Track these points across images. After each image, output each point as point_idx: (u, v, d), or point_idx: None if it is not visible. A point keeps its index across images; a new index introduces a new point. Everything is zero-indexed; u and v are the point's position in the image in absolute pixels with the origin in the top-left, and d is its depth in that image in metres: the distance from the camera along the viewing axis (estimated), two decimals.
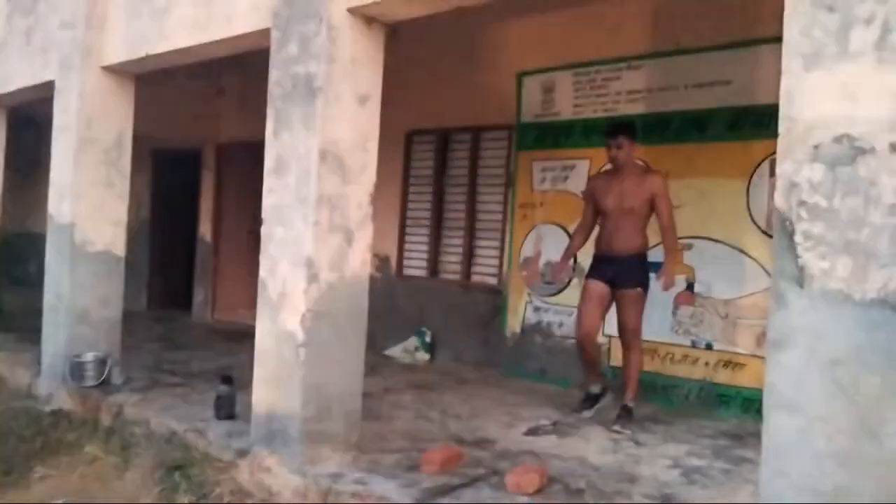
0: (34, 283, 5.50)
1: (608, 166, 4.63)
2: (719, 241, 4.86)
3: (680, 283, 4.97)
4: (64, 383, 4.77)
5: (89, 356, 4.76)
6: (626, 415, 4.32)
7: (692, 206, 4.95)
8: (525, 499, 3.01)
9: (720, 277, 4.84)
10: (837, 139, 1.95)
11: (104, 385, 4.70)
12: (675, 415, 4.69)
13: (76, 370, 4.72)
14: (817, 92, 1.99)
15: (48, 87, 5.38)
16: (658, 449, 3.91)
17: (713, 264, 4.88)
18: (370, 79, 3.53)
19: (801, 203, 1.99)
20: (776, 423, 2.00)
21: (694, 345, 4.94)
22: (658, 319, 4.99)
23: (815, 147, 1.98)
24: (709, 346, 4.88)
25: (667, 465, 3.62)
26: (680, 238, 4.98)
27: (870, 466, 1.86)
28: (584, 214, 4.70)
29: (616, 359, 5.09)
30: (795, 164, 2.01)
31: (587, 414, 4.48)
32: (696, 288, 4.95)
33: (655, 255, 4.56)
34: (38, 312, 5.21)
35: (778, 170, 2.05)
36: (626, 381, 4.46)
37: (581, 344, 4.47)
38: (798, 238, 1.99)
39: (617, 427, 4.20)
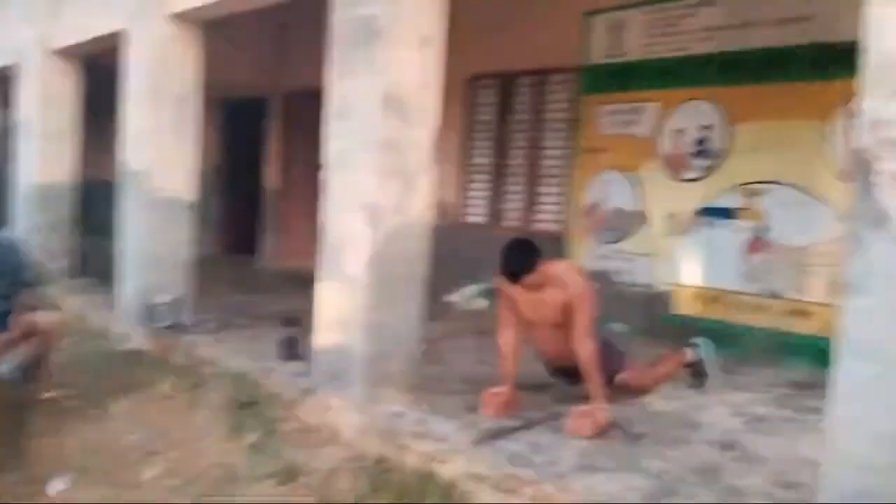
0: (110, 229, 5.72)
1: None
2: (794, 186, 4.65)
3: (751, 230, 4.84)
4: (139, 324, 4.98)
5: (162, 298, 4.94)
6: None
7: (766, 150, 4.76)
8: (584, 442, 3.01)
9: (793, 224, 4.66)
10: None
11: (176, 326, 4.88)
12: (742, 364, 4.58)
13: (150, 312, 4.92)
14: None
15: (119, 36, 5.49)
16: (723, 397, 3.84)
17: (787, 210, 4.69)
18: (432, 20, 3.46)
19: (885, 140, 1.88)
20: (849, 370, 1.93)
21: (764, 293, 4.80)
22: (728, 267, 4.86)
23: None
24: (779, 295, 4.73)
25: (731, 413, 3.56)
26: (753, 183, 4.83)
27: None
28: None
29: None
30: (879, 100, 1.89)
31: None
32: (768, 235, 4.77)
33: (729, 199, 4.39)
34: (114, 257, 5.43)
35: (860, 106, 1.93)
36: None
37: None
38: (878, 178, 1.88)
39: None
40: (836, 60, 4.44)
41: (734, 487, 2.64)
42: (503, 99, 6.53)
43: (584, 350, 3.25)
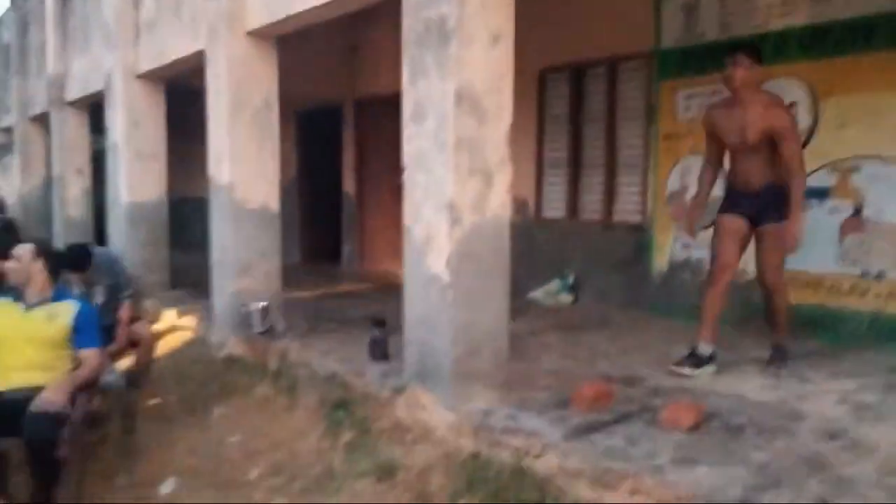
0: (201, 244, 5.96)
1: (724, 95, 4.10)
2: (888, 160, 4.42)
3: (846, 209, 4.62)
4: (234, 331, 5.18)
5: (254, 305, 5.12)
6: (778, 355, 4.02)
7: (859, 123, 4.54)
8: (681, 435, 2.95)
9: (892, 200, 4.42)
10: None
11: (269, 332, 5.05)
12: (843, 350, 4.39)
13: (244, 319, 5.10)
14: None
15: (199, 56, 5.73)
16: (825, 385, 3.69)
17: (884, 186, 4.46)
18: (502, 17, 3.46)
19: None
20: None
21: (864, 275, 4.58)
22: (821, 249, 4.66)
23: None
24: (881, 276, 4.50)
25: (835, 401, 3.41)
26: (845, 159, 4.62)
27: None
28: (708, 149, 4.15)
29: None
30: None
31: (686, 372, 3.86)
32: (865, 213, 4.55)
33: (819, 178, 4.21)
34: (206, 270, 5.66)
35: None
36: (774, 322, 4.07)
37: (710, 287, 3.96)
38: None
39: (772, 367, 3.96)
40: None
41: (843, 477, 2.53)
42: (575, 90, 6.46)
43: (797, 180, 3.73)
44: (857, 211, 4.59)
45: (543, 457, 2.84)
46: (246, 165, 5.32)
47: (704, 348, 3.92)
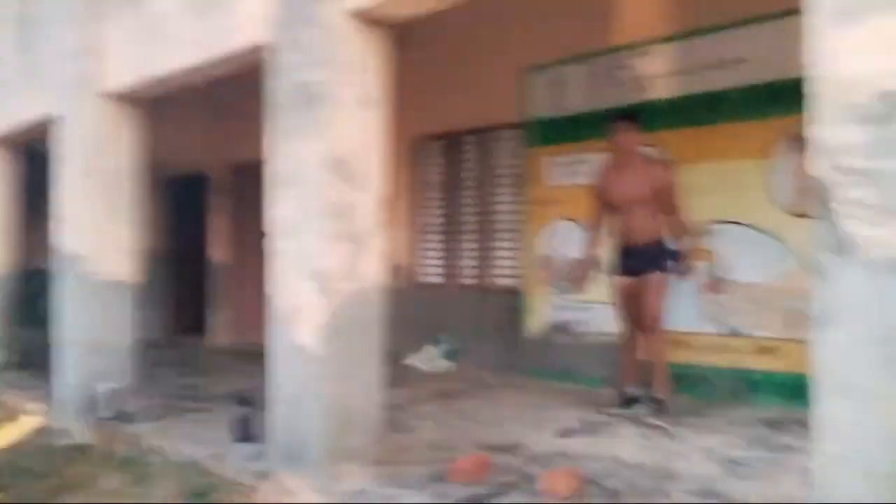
0: (48, 319, 5.44)
1: (611, 159, 4.57)
2: (743, 224, 4.69)
3: (705, 270, 4.84)
4: (80, 416, 4.68)
5: (104, 387, 4.67)
6: (659, 407, 4.19)
7: (713, 190, 4.80)
8: (560, 502, 2.87)
9: (746, 261, 4.67)
10: (875, 97, 1.80)
11: (120, 415, 4.60)
12: (708, 405, 4.52)
13: (91, 402, 4.63)
14: (849, 48, 1.85)
15: (50, 119, 5.33)
16: (694, 442, 3.75)
17: (738, 248, 4.71)
18: (374, 82, 3.43)
19: (839, 167, 1.85)
20: (827, 406, 1.87)
21: (723, 332, 4.78)
22: (686, 308, 4.84)
23: (851, 106, 1.84)
24: (738, 333, 4.71)
25: (704, 459, 3.46)
26: (703, 222, 4.85)
27: None
28: (595, 211, 4.59)
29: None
30: (830, 127, 1.87)
31: (623, 414, 4.29)
32: (722, 274, 4.78)
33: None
34: (51, 348, 5.14)
35: (811, 134, 1.91)
36: (653, 373, 4.33)
37: (623, 344, 4.46)
38: (838, 205, 1.85)
39: (654, 421, 4.05)
40: (771, 100, 4.56)
41: None
42: (450, 158, 6.54)
43: (678, 226, 4.33)
44: (715, 272, 4.82)
45: None
46: (97, 236, 4.92)
47: (634, 389, 4.42)
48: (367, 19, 3.32)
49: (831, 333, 1.86)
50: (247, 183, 8.13)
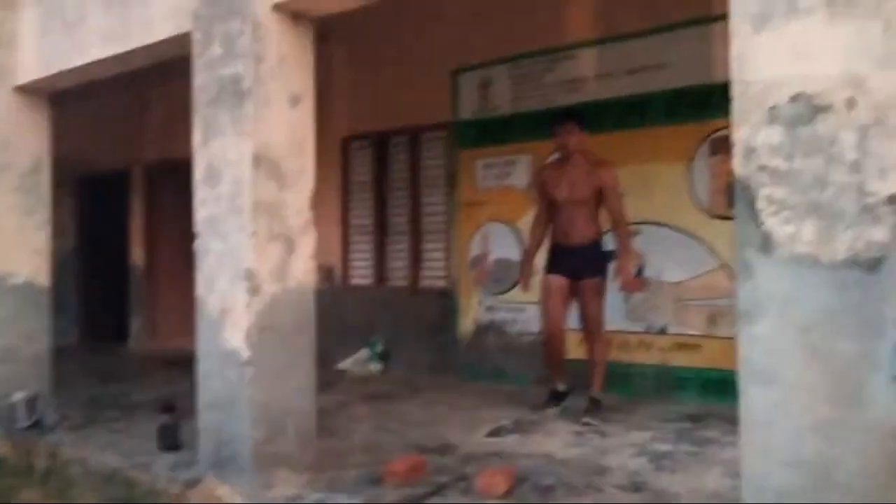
0: None
1: (556, 156, 4.57)
2: (665, 225, 4.84)
3: (630, 270, 4.95)
4: None
5: (18, 396, 4.41)
6: (594, 407, 4.23)
7: (637, 192, 4.92)
8: (495, 501, 2.88)
9: (669, 261, 4.82)
10: (793, 99, 1.89)
11: (36, 426, 4.37)
12: (634, 402, 4.64)
13: (4, 413, 4.37)
14: (769, 53, 1.93)
15: None
16: (623, 438, 3.84)
17: (661, 248, 4.86)
18: (301, 78, 3.37)
19: (761, 168, 1.93)
20: (753, 398, 1.93)
21: (648, 330, 4.91)
22: (612, 307, 4.93)
23: (772, 109, 1.92)
24: (663, 331, 4.85)
25: (633, 454, 3.54)
26: (627, 223, 4.97)
27: (852, 434, 1.80)
28: (538, 208, 4.58)
29: (578, 352, 5.03)
30: (752, 128, 1.95)
31: (553, 412, 4.35)
32: (646, 273, 4.92)
33: (605, 242, 4.52)
34: None
35: (735, 136, 1.99)
36: (593, 373, 4.35)
37: (548, 342, 4.40)
38: (760, 204, 1.93)
39: (587, 419, 4.11)
40: (691, 104, 4.72)
41: None
42: (379, 158, 6.50)
43: (623, 228, 4.31)
44: (640, 271, 4.95)
45: None
46: (8, 235, 4.66)
47: (562, 386, 4.44)
48: (291, 13, 3.27)
49: (755, 327, 1.93)
50: (169, 182, 7.88)
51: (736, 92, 1.98)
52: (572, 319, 4.45)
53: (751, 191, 1.94)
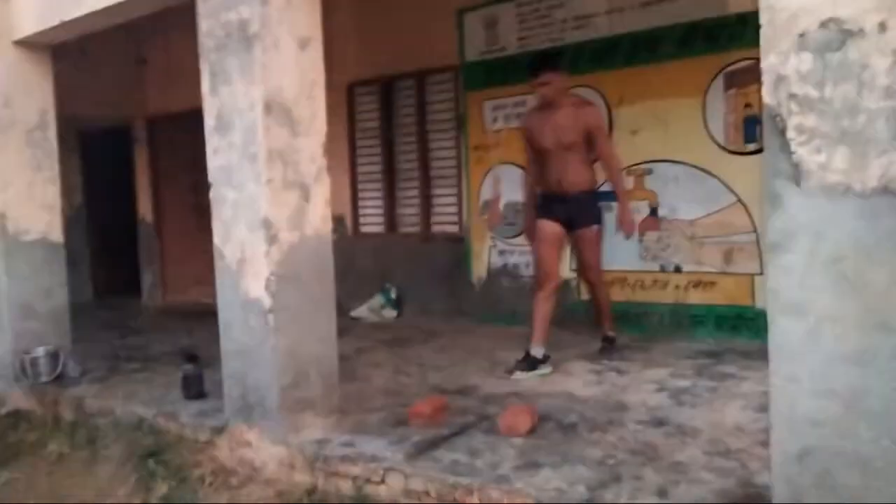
0: None
1: (537, 103, 4.34)
2: (679, 162, 4.79)
3: (643, 209, 4.93)
4: (17, 382, 4.48)
5: (40, 351, 4.47)
6: (609, 345, 4.31)
7: (649, 129, 4.88)
8: (520, 440, 2.93)
9: (683, 199, 4.79)
10: (823, 24, 1.83)
11: (60, 379, 4.44)
12: (651, 340, 4.68)
13: (28, 367, 4.43)
14: None
15: None
16: (641, 375, 3.88)
17: (675, 186, 4.82)
18: (309, 21, 3.28)
19: (791, 96, 1.88)
20: (782, 328, 1.93)
21: (663, 269, 4.91)
22: (625, 247, 4.94)
23: (801, 35, 1.86)
24: (678, 269, 4.85)
25: (653, 390, 3.58)
26: (639, 164, 4.93)
27: (883, 362, 1.80)
28: (529, 152, 4.36)
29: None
30: (781, 56, 1.90)
31: (518, 376, 3.93)
32: (660, 212, 4.89)
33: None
34: None
35: (763, 64, 1.93)
36: (601, 315, 4.42)
37: (540, 288, 4.11)
38: (790, 133, 1.89)
39: (604, 358, 4.15)
40: (704, 37, 4.62)
41: (676, 463, 2.62)
42: (386, 103, 6.41)
43: (615, 171, 4.18)
44: (653, 210, 4.93)
45: (386, 481, 2.68)
46: (20, 191, 4.64)
47: (537, 350, 4.02)
48: None
49: (785, 258, 1.91)
50: (173, 133, 7.81)
51: (763, 19, 1.92)
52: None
53: (780, 120, 1.90)
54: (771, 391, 1.96)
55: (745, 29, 4.41)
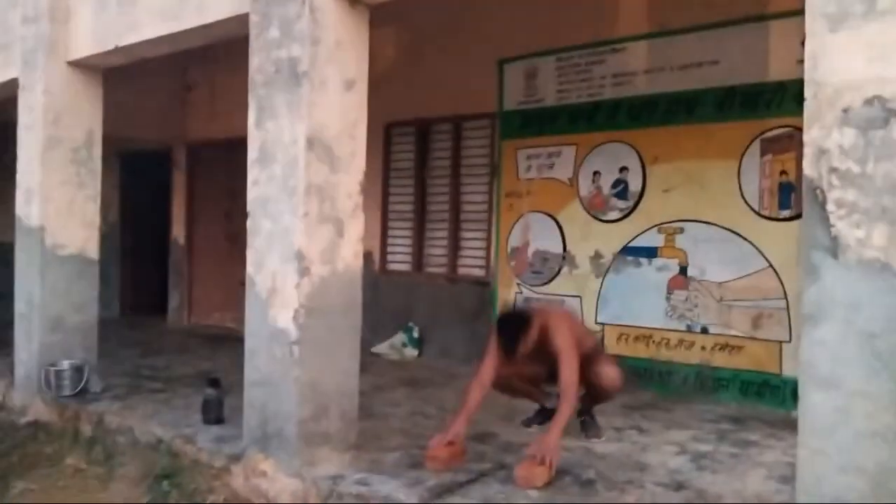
0: (6, 293, 5.23)
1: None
2: (711, 223, 4.78)
3: (673, 267, 4.92)
4: (40, 394, 4.55)
5: (65, 364, 4.54)
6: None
7: (682, 189, 4.89)
8: (536, 493, 2.90)
9: (713, 260, 4.77)
10: (868, 101, 1.86)
11: (82, 394, 4.49)
12: (673, 401, 4.62)
13: (52, 379, 4.50)
14: (845, 53, 1.89)
15: (13, 85, 5.13)
16: (662, 436, 3.82)
17: (706, 247, 4.80)
18: (356, 62, 3.38)
19: (833, 170, 1.90)
20: (813, 402, 1.91)
21: (689, 329, 4.87)
22: (652, 305, 4.92)
23: (845, 111, 1.89)
24: (704, 330, 4.81)
25: (674, 452, 3.53)
26: (671, 222, 4.94)
27: None
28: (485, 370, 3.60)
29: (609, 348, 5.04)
30: (824, 130, 1.92)
31: (534, 430, 3.86)
32: (689, 272, 4.87)
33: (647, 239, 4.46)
34: (12, 323, 4.96)
35: (806, 137, 1.96)
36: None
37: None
38: (830, 206, 1.90)
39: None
40: (743, 102, 4.65)
41: None
42: (421, 145, 6.51)
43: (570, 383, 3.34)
44: (683, 270, 4.91)
45: None
46: (60, 207, 4.77)
47: (552, 403, 3.93)
48: None
49: (819, 331, 1.90)
50: (211, 160, 7.98)
51: (808, 93, 1.95)
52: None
53: (821, 193, 1.91)
54: (797, 464, 1.93)
55: (783, 96, 4.45)
